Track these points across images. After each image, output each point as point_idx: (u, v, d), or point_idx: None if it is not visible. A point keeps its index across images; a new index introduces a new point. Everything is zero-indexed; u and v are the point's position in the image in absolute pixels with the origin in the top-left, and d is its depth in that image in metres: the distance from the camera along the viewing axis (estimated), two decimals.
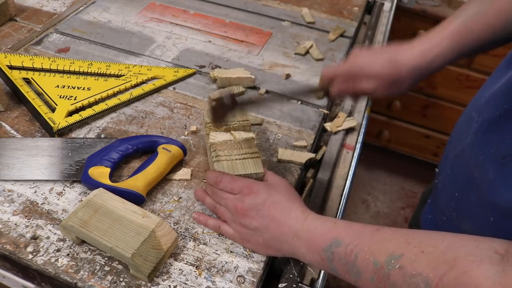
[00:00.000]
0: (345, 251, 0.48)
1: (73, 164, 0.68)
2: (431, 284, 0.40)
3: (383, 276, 0.44)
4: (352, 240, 0.48)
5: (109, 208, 0.58)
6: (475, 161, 0.52)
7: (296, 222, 0.54)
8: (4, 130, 0.73)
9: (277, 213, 0.55)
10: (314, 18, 1.09)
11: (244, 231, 0.57)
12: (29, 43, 0.93)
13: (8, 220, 0.61)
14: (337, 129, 0.82)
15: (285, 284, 0.59)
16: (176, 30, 1.01)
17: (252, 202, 0.56)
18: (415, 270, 0.42)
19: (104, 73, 0.86)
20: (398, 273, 0.43)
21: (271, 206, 0.56)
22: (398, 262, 0.43)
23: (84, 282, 0.55)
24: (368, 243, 0.47)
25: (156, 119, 0.79)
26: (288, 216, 0.55)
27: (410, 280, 0.42)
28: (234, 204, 0.57)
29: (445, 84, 1.60)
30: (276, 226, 0.54)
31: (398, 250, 0.44)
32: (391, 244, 0.45)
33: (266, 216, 0.55)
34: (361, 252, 0.47)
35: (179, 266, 0.58)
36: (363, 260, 0.46)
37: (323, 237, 0.51)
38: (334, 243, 0.49)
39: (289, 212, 0.55)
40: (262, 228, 0.55)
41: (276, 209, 0.55)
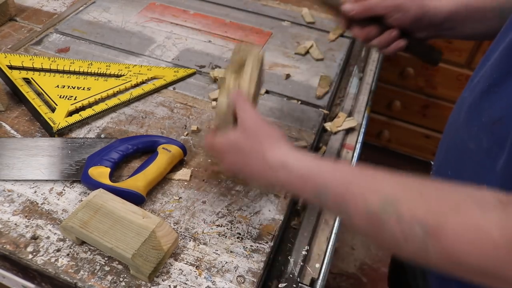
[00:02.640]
0: (334, 198, 0.45)
1: (73, 164, 0.68)
2: (430, 230, 0.38)
3: (377, 223, 0.41)
4: (341, 187, 0.45)
5: (109, 208, 0.58)
6: (469, 134, 0.52)
7: (271, 169, 0.51)
8: (4, 130, 0.73)
9: (250, 162, 0.53)
10: (314, 18, 1.09)
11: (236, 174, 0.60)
12: (29, 43, 0.93)
13: (8, 220, 0.61)
14: (337, 129, 0.82)
15: (285, 284, 0.59)
16: (176, 30, 1.01)
17: (227, 164, 0.56)
18: (412, 215, 0.39)
19: (104, 73, 0.86)
20: (393, 220, 0.40)
21: (242, 157, 0.53)
22: (393, 207, 0.40)
23: (84, 282, 0.55)
24: (359, 188, 0.44)
25: (156, 119, 0.79)
26: (261, 162, 0.51)
27: (407, 227, 0.39)
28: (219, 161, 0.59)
29: (445, 84, 1.60)
30: (255, 170, 0.52)
31: (393, 194, 0.41)
32: (385, 187, 0.42)
33: (244, 167, 0.54)
34: (352, 199, 0.44)
35: (179, 266, 0.58)
36: (355, 208, 0.43)
37: (308, 183, 0.47)
38: (322, 190, 0.46)
39: (261, 157, 0.51)
40: (248, 176, 0.55)
41: (247, 158, 0.53)
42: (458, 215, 0.37)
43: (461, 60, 1.52)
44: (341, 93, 0.92)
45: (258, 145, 0.51)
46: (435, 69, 1.57)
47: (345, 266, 1.64)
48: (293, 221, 0.69)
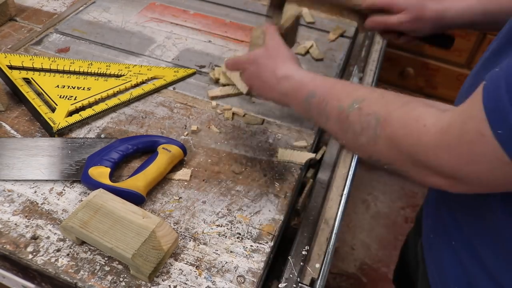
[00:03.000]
0: (318, 101, 0.54)
1: (73, 164, 0.68)
2: (381, 119, 0.46)
3: (344, 118, 0.50)
4: (326, 91, 0.54)
5: (109, 208, 0.58)
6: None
7: (278, 81, 0.60)
8: (4, 130, 0.73)
9: (264, 75, 0.62)
10: (314, 18, 1.09)
11: (251, 87, 0.67)
12: (29, 43, 0.93)
13: (8, 220, 0.61)
14: None
15: (285, 284, 0.59)
16: (176, 30, 1.01)
17: (247, 76, 0.65)
18: (371, 109, 0.47)
19: (104, 73, 0.86)
20: (356, 113, 0.48)
21: (258, 71, 0.63)
22: (358, 105, 0.49)
23: (84, 282, 0.55)
24: (338, 92, 0.53)
25: (156, 119, 0.79)
26: (272, 75, 0.61)
27: (365, 119, 0.47)
28: (242, 79, 0.68)
29: (445, 84, 1.60)
30: (265, 82, 0.62)
31: (362, 96, 0.50)
32: (358, 92, 0.51)
33: (258, 80, 0.63)
34: (330, 100, 0.53)
35: (179, 266, 0.58)
36: (331, 107, 0.52)
37: (303, 88, 0.57)
38: (310, 95, 0.55)
39: (272, 71, 0.61)
40: (259, 90, 0.64)
41: (262, 72, 0.62)
42: (404, 108, 0.45)
43: (461, 60, 1.52)
44: None
45: (273, 61, 0.61)
46: (435, 69, 1.57)
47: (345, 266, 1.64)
48: (293, 221, 0.69)
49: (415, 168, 0.45)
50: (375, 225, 1.80)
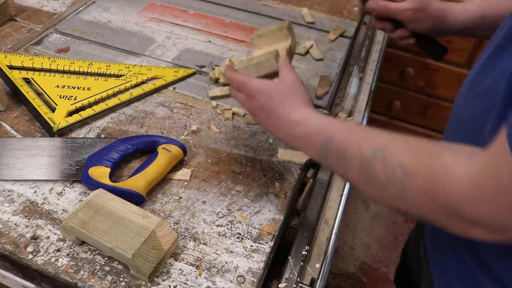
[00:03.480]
0: (337, 147, 0.51)
1: (73, 164, 0.68)
2: (408, 170, 0.43)
3: (367, 167, 0.47)
4: (344, 137, 0.51)
5: (109, 209, 0.58)
6: (466, 104, 0.57)
7: (291, 124, 0.57)
8: (4, 130, 0.73)
9: (275, 112, 0.58)
10: (314, 18, 1.09)
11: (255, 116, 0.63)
12: (29, 43, 0.93)
13: (8, 220, 0.61)
14: None
15: (285, 284, 0.59)
16: (176, 30, 1.01)
17: (253, 105, 0.60)
18: (396, 159, 0.44)
19: (104, 73, 0.86)
20: (380, 163, 0.46)
21: (269, 107, 0.59)
22: (382, 154, 0.46)
23: (84, 282, 0.55)
24: (358, 138, 0.50)
25: (156, 119, 0.79)
26: (285, 115, 0.57)
27: (390, 169, 0.44)
28: (242, 102, 0.62)
29: (445, 84, 1.60)
30: (275, 121, 0.58)
31: (384, 143, 0.47)
32: (379, 139, 0.48)
33: (267, 114, 0.59)
34: (350, 147, 0.49)
35: (179, 266, 0.58)
36: (352, 154, 0.49)
37: (319, 134, 0.53)
38: (328, 140, 0.52)
39: (285, 111, 0.57)
40: (265, 123, 0.60)
41: (273, 109, 0.58)
42: (432, 158, 0.43)
43: (461, 60, 1.52)
44: (341, 93, 0.92)
45: (288, 100, 0.57)
46: (435, 69, 1.57)
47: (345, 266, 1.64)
48: (293, 221, 0.69)
49: (452, 221, 0.42)
50: (375, 225, 1.80)
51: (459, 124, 0.59)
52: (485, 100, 0.51)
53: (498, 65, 0.51)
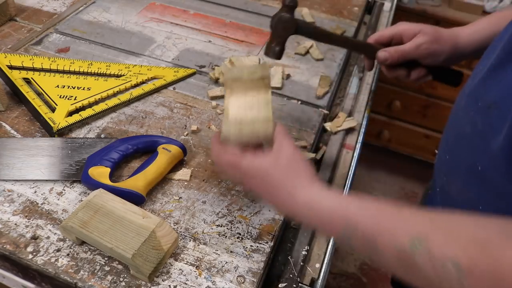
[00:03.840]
0: (363, 235, 0.45)
1: (73, 164, 0.68)
2: (463, 268, 0.37)
3: (408, 259, 0.41)
4: (370, 224, 0.44)
5: (109, 208, 0.58)
6: (467, 118, 0.55)
7: (298, 205, 0.50)
8: (4, 130, 0.73)
9: (276, 193, 0.51)
10: (314, 18, 1.09)
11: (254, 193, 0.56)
12: (29, 43, 0.93)
13: (8, 220, 0.61)
14: (337, 129, 0.82)
15: (285, 284, 0.59)
16: (176, 30, 1.01)
17: (250, 185, 0.54)
18: (444, 253, 0.38)
19: (104, 73, 0.86)
20: (424, 256, 0.40)
21: (269, 187, 0.52)
22: (423, 244, 0.40)
23: (84, 282, 0.55)
24: (388, 225, 0.43)
25: (156, 119, 0.79)
26: (290, 196, 0.50)
27: (439, 265, 0.38)
28: (236, 181, 0.58)
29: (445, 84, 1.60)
30: (280, 203, 0.51)
31: (422, 231, 0.41)
32: (414, 225, 0.42)
33: (268, 194, 0.52)
34: (380, 236, 0.43)
35: (179, 266, 0.58)
36: (383, 244, 0.43)
37: (336, 221, 0.47)
38: (350, 228, 0.46)
39: (289, 193, 0.50)
40: (268, 201, 0.54)
41: (274, 190, 0.51)
42: (488, 249, 0.37)
43: None
44: (341, 93, 0.92)
45: (289, 180, 0.50)
46: None
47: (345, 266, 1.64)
48: (293, 221, 0.69)
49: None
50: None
51: (460, 138, 0.57)
52: (489, 117, 0.50)
53: (500, 79, 0.49)
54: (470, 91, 0.56)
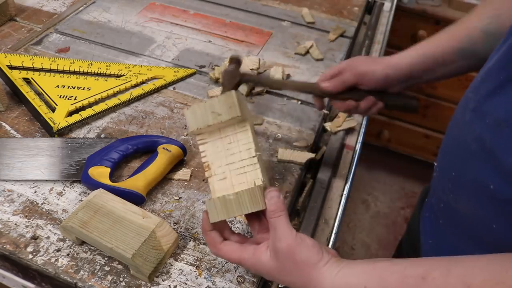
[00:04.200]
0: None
1: (73, 164, 0.68)
2: None
3: None
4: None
5: (109, 208, 0.58)
6: (473, 135, 0.53)
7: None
8: (4, 130, 0.73)
9: (289, 284, 0.49)
10: (314, 18, 1.09)
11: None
12: (29, 43, 0.93)
13: (8, 220, 0.61)
14: (337, 129, 0.82)
15: None
16: (176, 30, 1.01)
17: (261, 275, 0.52)
18: None
19: (104, 73, 0.86)
20: None
21: (282, 281, 0.49)
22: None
23: (84, 282, 0.55)
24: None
25: (156, 119, 0.79)
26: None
27: None
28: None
29: (445, 84, 1.60)
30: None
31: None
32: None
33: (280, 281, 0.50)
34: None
35: (179, 266, 0.58)
36: None
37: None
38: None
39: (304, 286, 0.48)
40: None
41: (286, 283, 0.49)
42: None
43: None
44: None
45: (297, 279, 0.47)
46: None
47: None
48: (293, 221, 0.69)
49: None
50: (375, 225, 1.80)
51: (466, 155, 0.54)
52: (499, 135, 0.48)
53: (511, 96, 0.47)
54: (475, 106, 0.53)
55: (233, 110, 0.50)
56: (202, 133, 0.52)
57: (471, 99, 0.55)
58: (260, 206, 0.50)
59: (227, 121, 0.50)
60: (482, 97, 0.52)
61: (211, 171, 0.52)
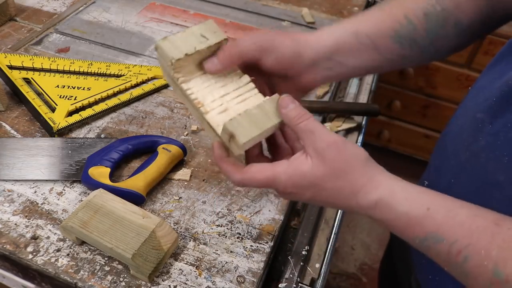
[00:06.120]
0: (448, 250, 0.38)
1: (73, 164, 0.68)
2: None
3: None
4: (460, 238, 0.37)
5: (109, 208, 0.58)
6: (497, 164, 0.46)
7: (361, 208, 0.42)
8: (4, 130, 0.73)
9: (333, 203, 0.43)
10: (314, 18, 1.09)
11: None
12: (29, 43, 0.93)
13: (8, 220, 0.61)
14: (337, 129, 0.82)
15: (285, 284, 0.59)
16: (176, 30, 1.01)
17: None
18: None
19: (104, 73, 0.86)
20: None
21: (324, 199, 0.43)
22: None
23: (84, 282, 0.55)
24: (486, 245, 0.36)
25: (156, 119, 0.79)
26: (350, 202, 0.42)
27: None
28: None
29: (445, 84, 1.60)
30: (340, 208, 0.46)
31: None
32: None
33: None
34: (474, 255, 0.37)
35: (179, 266, 0.58)
36: (477, 266, 0.36)
37: (413, 227, 0.39)
38: (432, 238, 0.38)
39: (349, 199, 0.42)
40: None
41: (329, 201, 0.43)
42: None
43: (461, 60, 1.52)
44: (341, 93, 0.92)
45: (348, 182, 0.41)
46: (435, 69, 1.57)
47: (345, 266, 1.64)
48: (293, 221, 0.69)
49: None
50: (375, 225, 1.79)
51: (489, 187, 0.48)
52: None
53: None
54: (499, 131, 0.46)
55: (219, 34, 0.46)
56: (179, 71, 0.46)
57: (484, 121, 0.48)
58: (277, 119, 0.43)
59: (214, 46, 0.45)
60: (509, 121, 0.45)
61: (205, 107, 0.45)
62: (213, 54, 0.46)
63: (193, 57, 0.45)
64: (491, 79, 0.51)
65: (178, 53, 0.44)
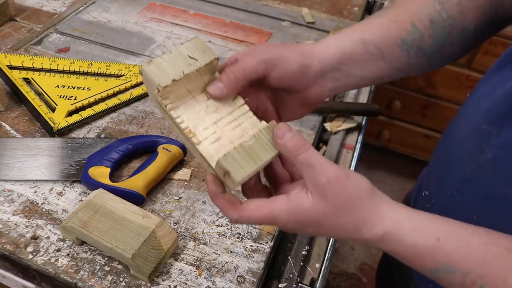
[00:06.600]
0: (462, 281, 0.37)
1: (73, 164, 0.68)
2: None
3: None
4: (474, 268, 0.36)
5: (109, 208, 0.58)
6: (506, 177, 0.45)
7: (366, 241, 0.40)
8: (4, 130, 0.73)
9: (335, 235, 0.41)
10: (314, 18, 1.09)
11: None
12: (29, 43, 0.93)
13: (8, 220, 0.61)
14: (337, 129, 0.82)
15: (285, 284, 0.59)
16: (176, 30, 1.01)
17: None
18: None
19: (104, 73, 0.86)
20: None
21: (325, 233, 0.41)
22: None
23: (84, 282, 0.55)
24: (502, 275, 0.35)
25: (156, 119, 0.79)
26: (354, 235, 0.40)
27: None
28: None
29: (445, 84, 1.60)
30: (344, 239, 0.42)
31: None
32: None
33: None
34: (490, 286, 0.36)
35: (179, 266, 0.58)
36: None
37: (423, 258, 0.38)
38: (444, 269, 0.37)
39: (353, 233, 0.40)
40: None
41: (331, 234, 0.41)
42: None
43: (461, 60, 1.52)
44: (341, 93, 0.92)
45: (351, 218, 0.39)
46: None
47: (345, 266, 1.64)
48: None
49: None
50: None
51: (496, 200, 0.46)
52: None
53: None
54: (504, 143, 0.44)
55: (208, 53, 0.42)
56: (167, 97, 0.42)
57: (490, 133, 0.47)
58: (274, 151, 0.41)
59: (204, 67, 0.42)
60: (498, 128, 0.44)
61: (197, 136, 0.42)
62: (203, 75, 0.43)
63: (182, 81, 0.42)
64: (494, 86, 0.50)
65: (165, 79, 0.40)
